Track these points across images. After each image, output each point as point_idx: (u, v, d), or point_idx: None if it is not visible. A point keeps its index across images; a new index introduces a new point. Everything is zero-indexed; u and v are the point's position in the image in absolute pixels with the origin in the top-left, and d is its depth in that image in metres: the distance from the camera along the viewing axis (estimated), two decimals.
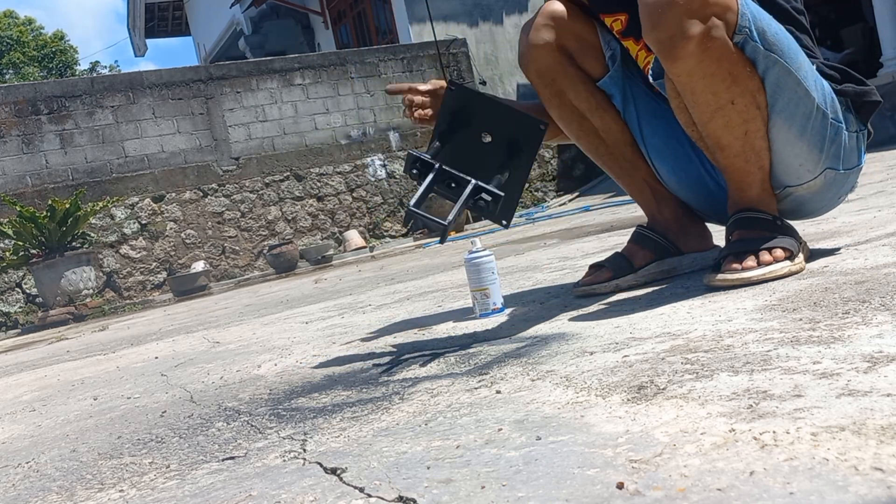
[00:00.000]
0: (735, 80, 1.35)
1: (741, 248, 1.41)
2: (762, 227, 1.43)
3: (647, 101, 1.67)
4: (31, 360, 3.30)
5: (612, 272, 1.68)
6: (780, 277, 1.38)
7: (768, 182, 1.47)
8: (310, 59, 8.92)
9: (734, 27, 1.31)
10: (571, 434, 0.78)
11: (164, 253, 7.84)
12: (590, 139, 1.72)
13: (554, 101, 1.68)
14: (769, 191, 1.48)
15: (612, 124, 1.68)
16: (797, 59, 1.37)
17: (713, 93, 1.36)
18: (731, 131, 1.39)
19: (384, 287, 3.25)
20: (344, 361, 1.53)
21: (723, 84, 1.34)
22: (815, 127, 1.40)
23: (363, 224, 8.83)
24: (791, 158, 1.43)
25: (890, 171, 3.48)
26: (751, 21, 1.32)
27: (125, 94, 7.85)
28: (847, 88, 1.45)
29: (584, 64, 1.65)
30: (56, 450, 1.24)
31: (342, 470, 0.82)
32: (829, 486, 0.55)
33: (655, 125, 1.67)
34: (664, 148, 1.67)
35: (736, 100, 1.36)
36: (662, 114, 1.61)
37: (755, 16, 1.33)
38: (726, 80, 1.34)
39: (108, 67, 33.40)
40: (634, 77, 1.67)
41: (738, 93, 1.35)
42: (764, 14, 1.36)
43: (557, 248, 3.33)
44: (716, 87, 1.35)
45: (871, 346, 0.85)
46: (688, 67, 1.33)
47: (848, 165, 1.49)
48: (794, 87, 1.36)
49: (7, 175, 7.28)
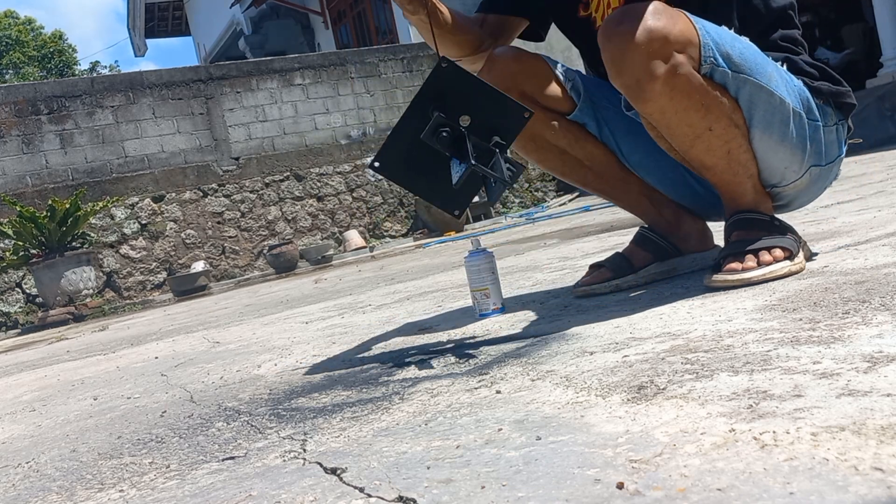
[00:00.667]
0: (709, 109, 1.34)
1: (741, 248, 1.41)
2: (760, 227, 1.43)
3: (620, 121, 1.64)
4: (31, 360, 3.30)
5: (611, 272, 1.68)
6: (780, 277, 1.38)
7: (760, 185, 1.47)
8: (310, 59, 8.92)
9: (699, 60, 1.30)
10: (571, 434, 0.78)
11: (164, 253, 7.84)
12: (577, 172, 1.72)
13: (531, 145, 1.67)
14: (762, 192, 1.48)
15: (595, 150, 1.68)
16: (766, 71, 1.37)
17: (689, 125, 1.36)
18: (713, 154, 1.40)
19: (384, 287, 3.25)
20: (344, 361, 1.53)
21: (697, 115, 1.34)
22: (794, 130, 1.40)
23: (363, 224, 8.83)
24: (776, 163, 1.44)
25: (890, 171, 3.48)
26: (714, 49, 1.31)
27: (125, 94, 7.85)
28: (822, 87, 1.45)
29: (549, 103, 1.63)
30: (56, 450, 1.24)
31: (342, 470, 0.82)
32: (829, 486, 0.55)
33: (633, 142, 1.65)
34: (646, 161, 1.66)
35: (713, 126, 1.36)
36: (637, 129, 1.57)
37: (717, 42, 1.32)
38: (700, 110, 1.33)
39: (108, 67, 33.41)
40: (601, 100, 1.66)
41: (713, 119, 1.35)
42: (725, 34, 1.35)
43: (557, 248, 3.33)
44: (690, 119, 1.35)
45: (871, 346, 0.85)
46: (659, 106, 1.33)
47: (830, 159, 1.51)
48: (768, 99, 1.36)
49: (7, 175, 7.28)
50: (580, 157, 1.68)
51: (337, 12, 12.53)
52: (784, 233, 1.44)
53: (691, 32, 1.30)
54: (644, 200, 1.73)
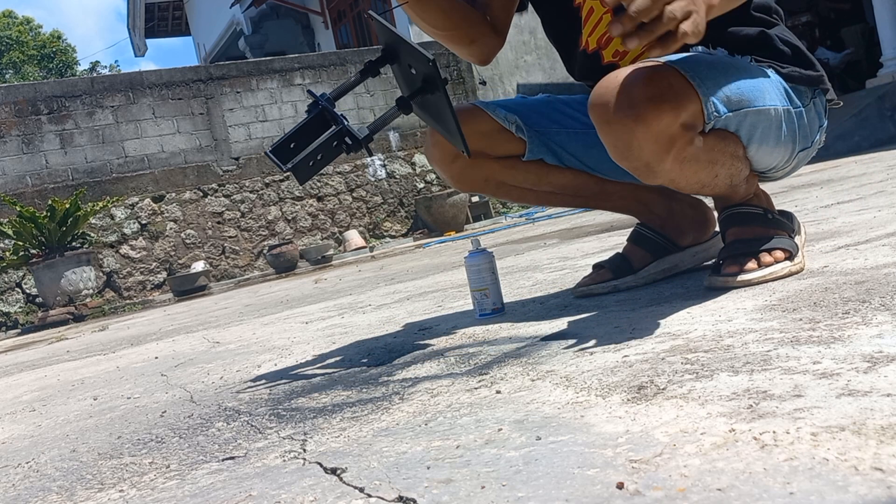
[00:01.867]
0: (715, 162, 1.31)
1: (740, 249, 1.41)
2: (757, 223, 1.43)
3: (575, 139, 1.62)
4: (31, 360, 3.30)
5: (611, 273, 1.68)
6: (780, 278, 1.38)
7: (754, 179, 1.47)
8: (310, 59, 8.92)
9: (703, 119, 1.24)
10: (571, 434, 0.78)
11: (164, 253, 7.84)
12: (553, 199, 1.73)
13: (501, 191, 1.68)
14: (755, 183, 1.48)
15: (561, 179, 1.66)
16: (760, 90, 1.32)
17: (697, 181, 1.34)
18: (716, 189, 1.41)
19: (384, 287, 3.25)
20: (344, 361, 1.53)
21: (705, 172, 1.32)
22: (785, 129, 1.38)
23: (363, 224, 8.83)
24: (770, 162, 1.44)
25: (890, 171, 3.48)
26: (714, 102, 1.23)
27: (125, 94, 7.85)
28: (793, 73, 1.40)
29: (501, 152, 1.62)
30: (56, 450, 1.24)
31: (342, 470, 0.82)
32: (829, 486, 0.55)
33: (597, 154, 1.56)
34: (617, 168, 1.53)
35: (719, 172, 1.34)
36: (595, 141, 1.40)
37: (715, 90, 1.23)
38: (707, 167, 1.31)
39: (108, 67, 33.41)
40: (549, 127, 1.63)
41: (719, 167, 1.33)
42: (718, 74, 1.26)
43: (557, 248, 3.33)
44: (699, 178, 1.33)
45: (871, 346, 0.85)
46: (669, 178, 1.30)
47: (814, 136, 1.49)
48: (765, 117, 1.32)
49: (7, 175, 7.28)
50: (552, 188, 1.68)
51: (337, 12, 12.53)
52: (780, 227, 1.44)
53: (690, 95, 1.21)
54: (630, 203, 1.72)
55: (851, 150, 6.20)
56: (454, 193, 8.33)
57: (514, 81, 9.98)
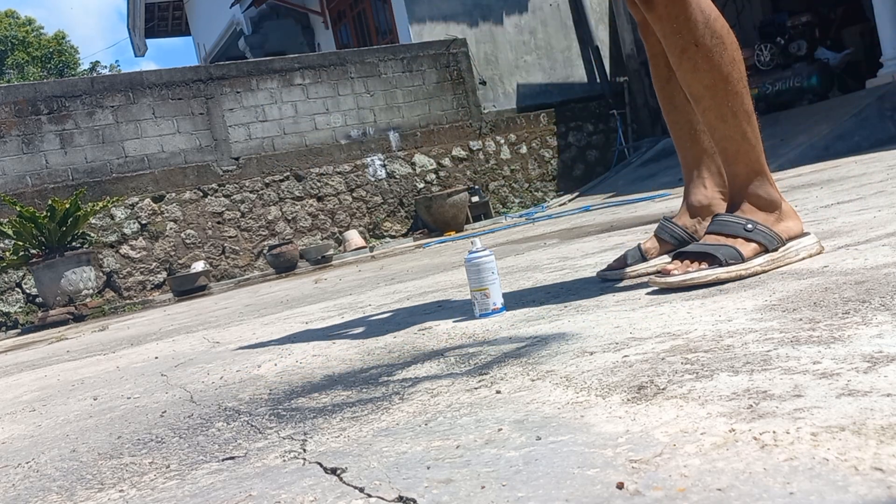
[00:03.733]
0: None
1: (686, 255, 1.51)
2: (730, 232, 1.48)
3: None
4: (31, 360, 3.30)
5: (626, 261, 1.80)
6: (704, 285, 1.44)
7: (759, 159, 1.50)
8: (310, 59, 8.92)
9: None
10: (571, 434, 0.78)
11: (164, 253, 7.84)
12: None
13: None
14: (760, 170, 1.51)
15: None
16: None
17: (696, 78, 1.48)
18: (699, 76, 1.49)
19: (384, 287, 3.25)
20: (344, 361, 1.53)
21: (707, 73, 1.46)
22: None
23: (363, 224, 8.83)
24: None
25: (890, 171, 3.48)
26: None
27: (125, 94, 7.85)
28: None
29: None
30: (56, 450, 1.24)
31: (342, 470, 0.82)
32: (829, 486, 0.55)
33: None
34: None
35: (699, 42, 1.45)
36: None
37: None
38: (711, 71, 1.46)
39: (108, 67, 33.41)
40: None
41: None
42: None
43: (557, 248, 3.33)
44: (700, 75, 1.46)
45: (871, 346, 0.85)
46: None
47: None
48: None
49: (7, 175, 7.27)
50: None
51: (337, 12, 12.53)
52: (753, 239, 1.47)
53: None
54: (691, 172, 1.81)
55: (851, 150, 6.19)
56: (454, 193, 8.33)
57: (514, 81, 9.98)
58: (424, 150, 9.25)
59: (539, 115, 9.94)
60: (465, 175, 9.37)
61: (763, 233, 1.48)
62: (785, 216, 1.52)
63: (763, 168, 1.51)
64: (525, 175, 9.78)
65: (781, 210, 1.52)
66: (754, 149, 1.49)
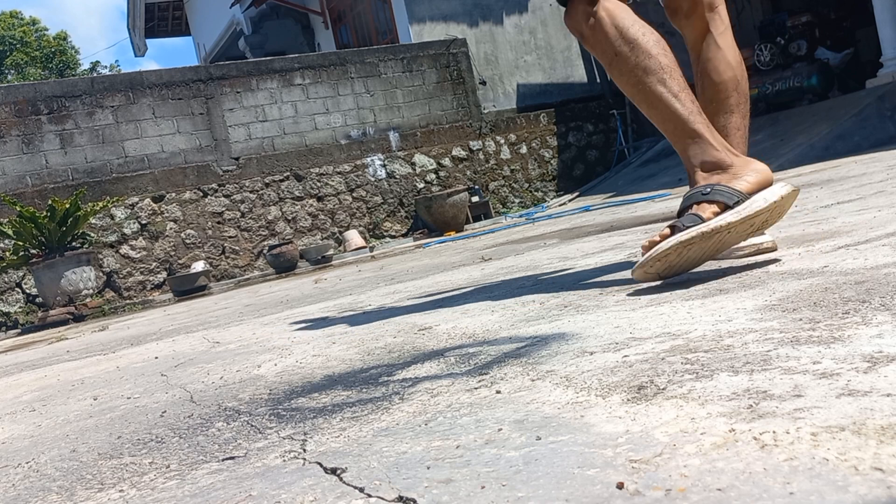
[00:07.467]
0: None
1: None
2: (691, 202, 1.54)
3: None
4: (31, 360, 3.30)
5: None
6: (664, 254, 1.46)
7: (693, 127, 1.55)
8: (310, 59, 8.92)
9: None
10: (571, 434, 0.78)
11: (164, 253, 7.84)
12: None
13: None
14: (695, 136, 1.56)
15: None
16: None
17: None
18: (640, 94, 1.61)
19: (384, 287, 3.25)
20: (344, 361, 1.53)
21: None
22: None
23: (363, 224, 8.83)
24: None
25: (890, 171, 3.48)
26: None
27: (125, 94, 7.85)
28: None
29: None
30: (56, 450, 1.24)
31: (342, 470, 0.82)
32: (829, 486, 0.55)
33: None
34: None
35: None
36: None
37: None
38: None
39: (108, 67, 33.41)
40: None
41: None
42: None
43: (557, 247, 3.33)
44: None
45: (871, 346, 0.85)
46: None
47: None
48: None
49: (7, 175, 7.28)
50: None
51: (337, 12, 12.53)
52: (713, 198, 1.50)
53: None
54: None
55: (851, 150, 6.19)
56: (454, 193, 8.33)
57: (514, 81, 9.98)
58: (424, 150, 9.25)
59: (539, 115, 9.94)
60: (465, 175, 9.38)
61: (720, 191, 1.50)
62: (743, 170, 1.52)
63: (697, 133, 1.55)
64: (525, 175, 9.78)
65: (734, 166, 1.53)
66: (687, 121, 1.55)
